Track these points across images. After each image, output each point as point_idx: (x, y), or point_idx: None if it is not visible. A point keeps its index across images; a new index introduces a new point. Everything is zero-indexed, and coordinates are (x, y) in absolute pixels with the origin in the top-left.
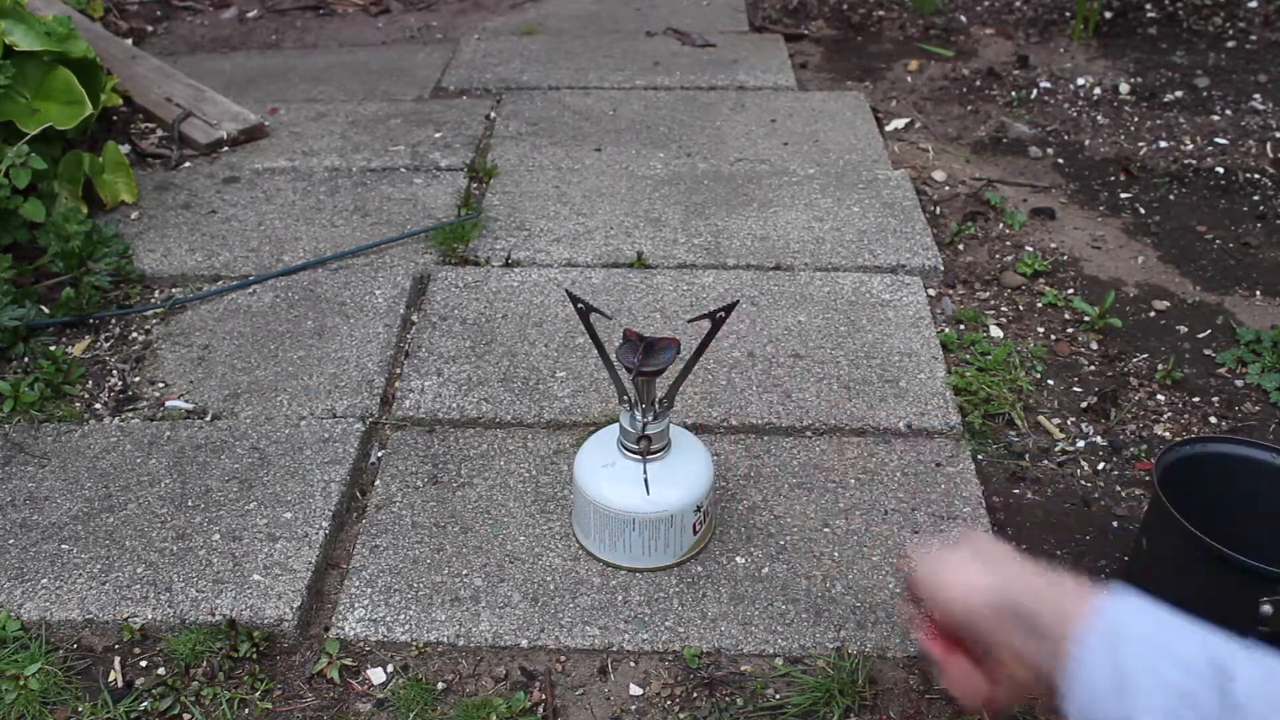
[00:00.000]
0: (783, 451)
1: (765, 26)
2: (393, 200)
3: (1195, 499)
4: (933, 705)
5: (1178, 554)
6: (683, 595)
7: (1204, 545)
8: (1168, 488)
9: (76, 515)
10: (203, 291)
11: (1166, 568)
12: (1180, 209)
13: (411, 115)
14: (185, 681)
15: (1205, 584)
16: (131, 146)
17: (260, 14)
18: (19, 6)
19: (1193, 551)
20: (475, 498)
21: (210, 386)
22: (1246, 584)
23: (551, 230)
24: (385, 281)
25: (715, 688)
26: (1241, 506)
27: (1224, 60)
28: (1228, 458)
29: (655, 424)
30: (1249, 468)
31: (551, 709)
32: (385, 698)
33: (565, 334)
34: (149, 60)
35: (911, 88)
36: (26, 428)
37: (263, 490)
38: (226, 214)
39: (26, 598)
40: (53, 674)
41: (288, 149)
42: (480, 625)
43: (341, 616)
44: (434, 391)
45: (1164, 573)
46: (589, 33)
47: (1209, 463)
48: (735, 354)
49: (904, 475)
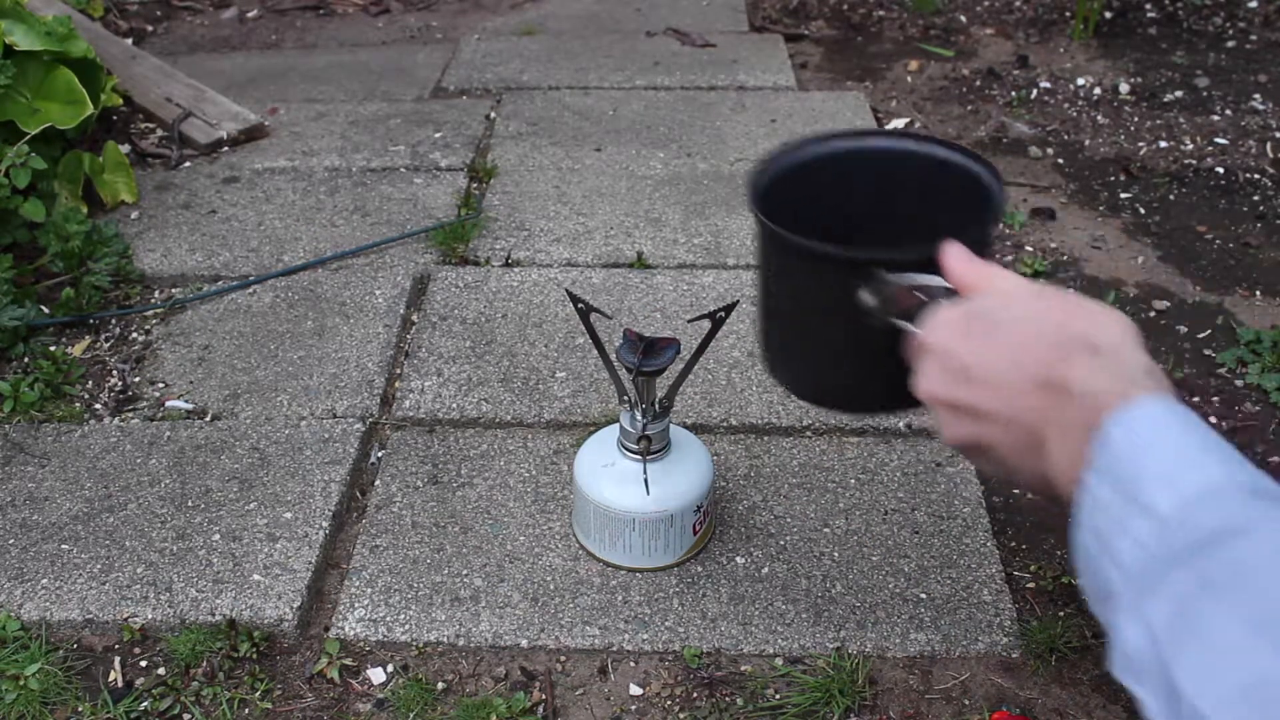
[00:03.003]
0: (783, 451)
1: (765, 27)
2: (393, 200)
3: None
4: (933, 705)
5: (782, 272)
6: (683, 595)
7: (794, 246)
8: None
9: (76, 515)
10: (203, 291)
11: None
12: (1180, 209)
13: (411, 115)
14: (185, 681)
15: (816, 294)
16: (131, 146)
17: (260, 14)
18: (19, 6)
19: (789, 260)
20: (475, 498)
21: (210, 386)
22: (844, 276)
23: (551, 230)
24: (385, 281)
25: (715, 688)
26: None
27: (1224, 60)
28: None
29: (655, 424)
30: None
31: (551, 709)
32: (385, 698)
33: (565, 334)
34: (149, 60)
35: (911, 88)
36: (26, 428)
37: (263, 490)
38: (226, 214)
39: (26, 598)
40: (53, 674)
41: (288, 149)
42: (480, 625)
43: (341, 616)
44: (434, 391)
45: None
46: (589, 33)
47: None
48: (735, 354)
49: (904, 475)
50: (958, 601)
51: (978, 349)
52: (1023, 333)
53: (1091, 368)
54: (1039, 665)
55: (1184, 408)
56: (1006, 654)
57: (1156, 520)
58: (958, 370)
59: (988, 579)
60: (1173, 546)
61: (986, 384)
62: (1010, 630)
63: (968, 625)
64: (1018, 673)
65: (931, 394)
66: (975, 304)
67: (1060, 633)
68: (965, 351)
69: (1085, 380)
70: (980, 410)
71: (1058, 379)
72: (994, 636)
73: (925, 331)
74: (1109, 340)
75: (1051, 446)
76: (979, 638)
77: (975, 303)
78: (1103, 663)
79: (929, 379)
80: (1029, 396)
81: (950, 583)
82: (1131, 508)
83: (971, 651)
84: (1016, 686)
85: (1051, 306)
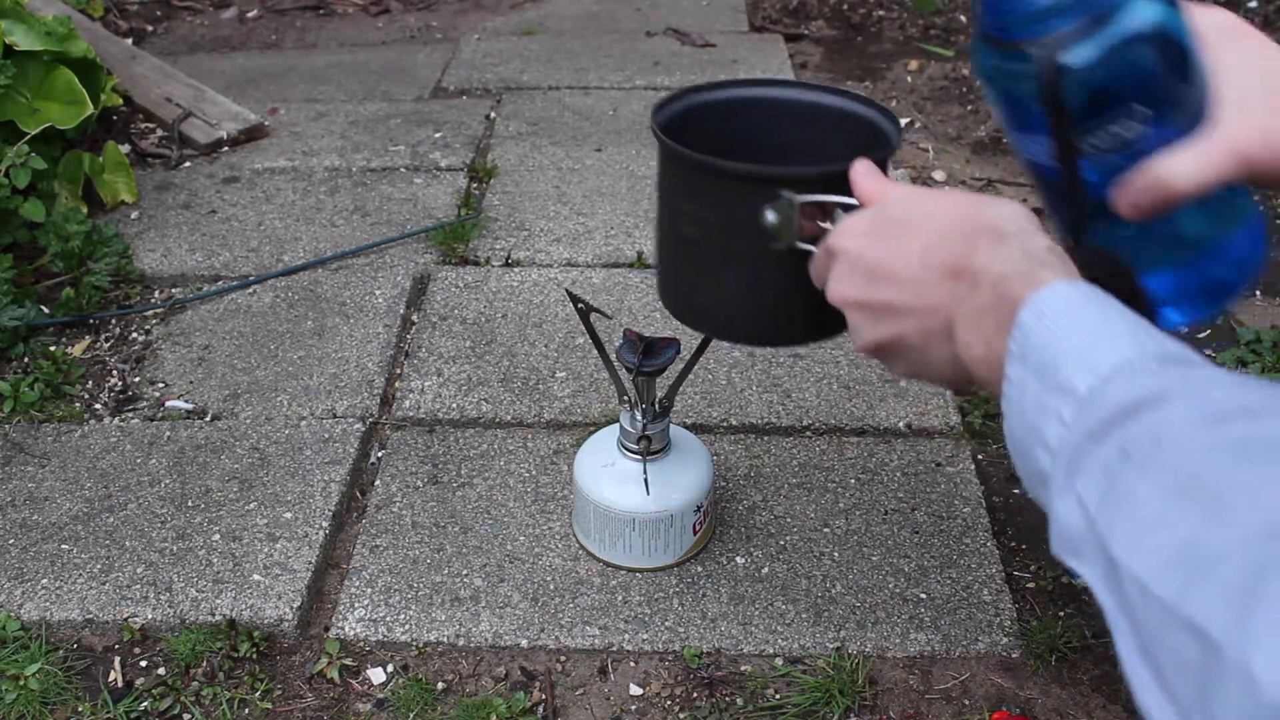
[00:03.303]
0: (783, 451)
1: (765, 26)
2: (393, 200)
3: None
4: (933, 705)
5: (685, 196)
6: (683, 595)
7: (700, 165)
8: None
9: (76, 515)
10: (203, 291)
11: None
12: None
13: (411, 115)
14: (185, 681)
15: (720, 218)
16: (131, 146)
17: (260, 14)
18: (19, 6)
19: (692, 181)
20: (475, 498)
21: (210, 386)
22: (748, 196)
23: (551, 230)
24: (385, 281)
25: (715, 688)
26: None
27: None
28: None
29: (655, 424)
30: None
31: (551, 709)
32: (385, 698)
33: (565, 334)
34: (149, 60)
35: (911, 88)
36: (26, 428)
37: (263, 490)
38: (226, 214)
39: (26, 598)
40: (53, 674)
41: (288, 149)
42: (480, 625)
43: (341, 616)
44: (434, 391)
45: (683, 229)
46: (589, 33)
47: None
48: (735, 354)
49: (904, 475)
50: (958, 601)
51: (887, 248)
52: (929, 228)
53: (997, 252)
54: (1039, 665)
55: (1089, 286)
56: (1006, 654)
57: (1076, 400)
58: (869, 271)
59: (988, 579)
60: (1093, 423)
61: (897, 280)
62: (1010, 630)
63: (968, 625)
64: (1018, 673)
65: (844, 297)
66: (882, 208)
67: (1060, 633)
68: (875, 252)
69: (991, 264)
70: (893, 306)
71: (965, 266)
72: (994, 636)
73: (835, 237)
74: (1012, 227)
75: (962, 331)
76: (979, 638)
77: (881, 207)
78: (1103, 663)
79: (841, 282)
80: (939, 286)
81: (950, 583)
82: (1052, 391)
83: (971, 651)
84: (1016, 686)
85: (955, 202)
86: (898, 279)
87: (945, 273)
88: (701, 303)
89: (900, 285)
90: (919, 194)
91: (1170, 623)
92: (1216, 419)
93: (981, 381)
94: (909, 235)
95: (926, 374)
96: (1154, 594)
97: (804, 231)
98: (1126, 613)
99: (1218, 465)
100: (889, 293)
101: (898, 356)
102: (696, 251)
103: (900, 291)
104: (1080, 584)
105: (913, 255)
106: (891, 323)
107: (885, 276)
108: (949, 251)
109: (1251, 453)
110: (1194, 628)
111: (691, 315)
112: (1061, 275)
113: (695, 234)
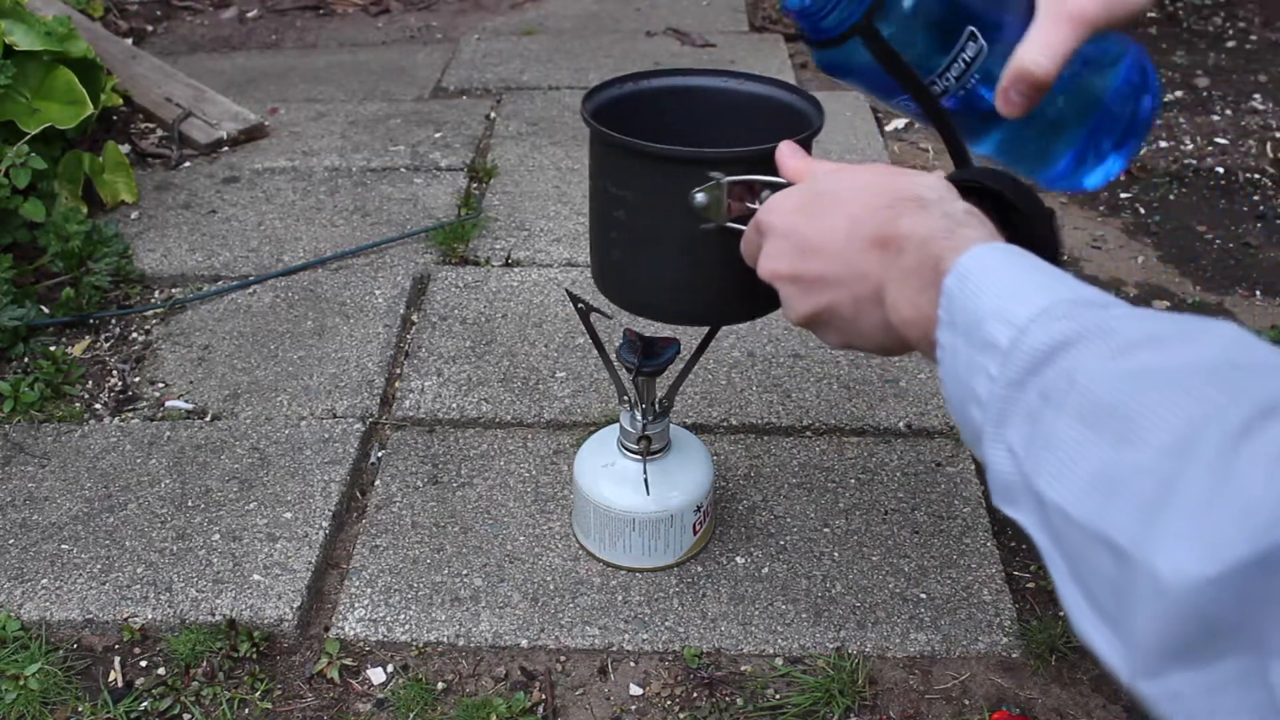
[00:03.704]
0: (783, 451)
1: (765, 27)
2: (393, 200)
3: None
4: (933, 705)
5: (618, 181)
6: (683, 595)
7: (630, 149)
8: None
9: (76, 515)
10: (203, 291)
11: (618, 208)
12: (1180, 209)
13: (411, 115)
14: (185, 681)
15: (650, 202)
16: (131, 146)
17: (260, 14)
18: (19, 6)
19: (623, 166)
20: (475, 498)
21: (210, 386)
22: (678, 178)
23: (551, 230)
24: (385, 281)
25: (715, 688)
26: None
27: (1224, 60)
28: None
29: (655, 424)
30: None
31: (551, 709)
32: (385, 698)
33: (565, 334)
34: (149, 60)
35: None
36: (26, 428)
37: (263, 490)
38: (226, 214)
39: (26, 598)
40: (53, 674)
41: (288, 149)
42: (480, 625)
43: (341, 616)
44: (434, 391)
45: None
46: (589, 33)
47: (634, 103)
48: (735, 354)
49: (904, 475)
50: (958, 601)
51: (816, 223)
52: (855, 201)
53: (919, 218)
54: (1039, 665)
55: (1006, 245)
56: (1006, 654)
57: (1000, 354)
58: (798, 245)
59: (988, 579)
60: (1015, 373)
61: (827, 253)
62: (1010, 630)
63: (968, 625)
64: (1018, 673)
65: (775, 272)
66: (809, 185)
67: (1060, 633)
68: (804, 227)
69: (916, 229)
70: (825, 278)
71: (891, 234)
72: (994, 636)
73: (765, 214)
74: (933, 194)
75: (890, 294)
76: (979, 638)
77: (809, 184)
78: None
79: (771, 258)
80: (867, 254)
81: (950, 583)
82: (978, 349)
83: (971, 651)
84: (1016, 686)
85: (879, 175)
86: (827, 251)
87: (873, 242)
88: (636, 287)
89: (830, 257)
90: (843, 169)
91: (1089, 542)
92: (1124, 350)
93: (913, 344)
94: (836, 209)
95: (859, 342)
96: (1074, 519)
97: (732, 212)
98: (1057, 545)
99: (1126, 392)
100: (820, 265)
101: (830, 326)
102: (629, 236)
103: (830, 263)
104: None
105: (840, 228)
106: (823, 293)
107: (815, 250)
108: (875, 222)
109: (1155, 378)
110: (1108, 542)
111: (627, 299)
112: (981, 235)
113: (626, 218)
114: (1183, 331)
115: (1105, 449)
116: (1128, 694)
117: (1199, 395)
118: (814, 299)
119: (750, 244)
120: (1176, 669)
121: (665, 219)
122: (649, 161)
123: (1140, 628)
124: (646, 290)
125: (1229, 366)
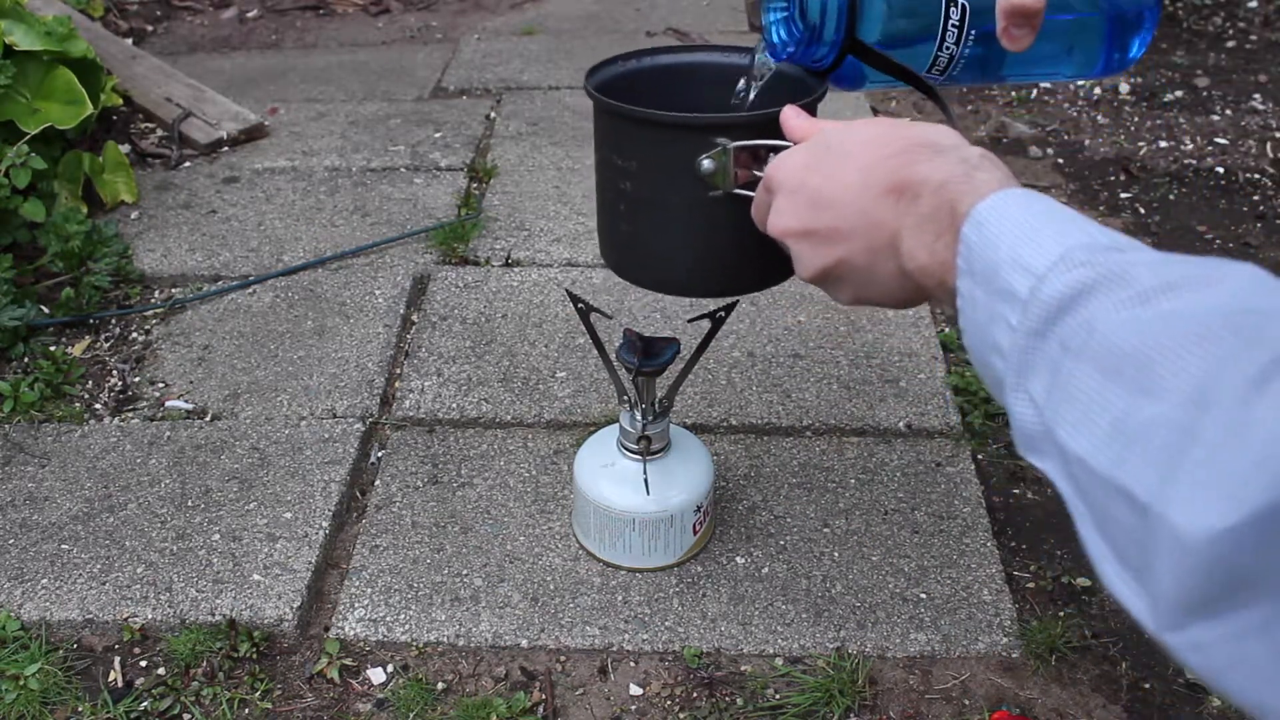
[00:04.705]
0: (783, 451)
1: None
2: (393, 200)
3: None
4: (933, 705)
5: (624, 152)
6: (683, 595)
7: (636, 118)
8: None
9: (76, 515)
10: (203, 291)
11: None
12: (1180, 209)
13: (411, 115)
14: (185, 681)
15: (658, 171)
16: (131, 146)
17: (260, 14)
18: (19, 6)
19: (630, 136)
20: (475, 498)
21: (210, 386)
22: (685, 146)
23: (551, 230)
24: (385, 281)
25: (715, 688)
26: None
27: (1224, 60)
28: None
29: (655, 424)
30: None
31: (551, 709)
32: (385, 698)
33: (565, 334)
34: (149, 60)
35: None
36: (26, 428)
37: (263, 490)
38: (226, 214)
39: (26, 598)
40: (53, 674)
41: (288, 149)
42: (480, 625)
43: (341, 616)
44: (434, 391)
45: (621, 185)
46: (589, 33)
47: (638, 79)
48: (735, 354)
49: (904, 475)
50: (958, 601)
51: (826, 175)
52: (867, 152)
53: (935, 164)
54: (1039, 665)
55: (1022, 189)
56: (1006, 654)
57: (1020, 303)
58: (810, 199)
59: (988, 579)
60: (1035, 322)
61: (839, 204)
62: (1010, 630)
63: (968, 625)
64: (1018, 673)
65: (786, 228)
66: (817, 140)
67: (1060, 633)
68: (815, 180)
69: (932, 174)
70: (838, 230)
71: (906, 180)
72: (994, 636)
73: (774, 170)
74: (947, 141)
75: (906, 242)
76: (979, 638)
77: (817, 139)
78: (1103, 663)
79: (782, 215)
80: (881, 203)
81: (950, 583)
82: (998, 298)
83: (971, 651)
84: (1016, 686)
85: (889, 126)
86: (839, 203)
87: (887, 189)
88: (645, 259)
89: (843, 208)
90: (851, 124)
91: (1110, 493)
92: (1142, 298)
93: (929, 292)
94: (847, 161)
95: (873, 295)
96: (1094, 470)
97: (739, 179)
98: (1080, 494)
99: (1144, 341)
100: (832, 217)
101: (844, 281)
102: (636, 208)
103: (843, 215)
104: (1081, 584)
105: (852, 178)
106: (836, 246)
107: (827, 202)
108: (888, 169)
109: (1174, 324)
110: (1127, 494)
111: (636, 272)
112: (998, 178)
113: (633, 189)
114: (1202, 275)
115: (1124, 399)
116: (1128, 694)
117: (1217, 342)
118: (827, 253)
119: (760, 205)
120: (1198, 620)
121: (672, 188)
122: (654, 130)
123: (1162, 580)
124: (654, 262)
125: (1248, 312)
